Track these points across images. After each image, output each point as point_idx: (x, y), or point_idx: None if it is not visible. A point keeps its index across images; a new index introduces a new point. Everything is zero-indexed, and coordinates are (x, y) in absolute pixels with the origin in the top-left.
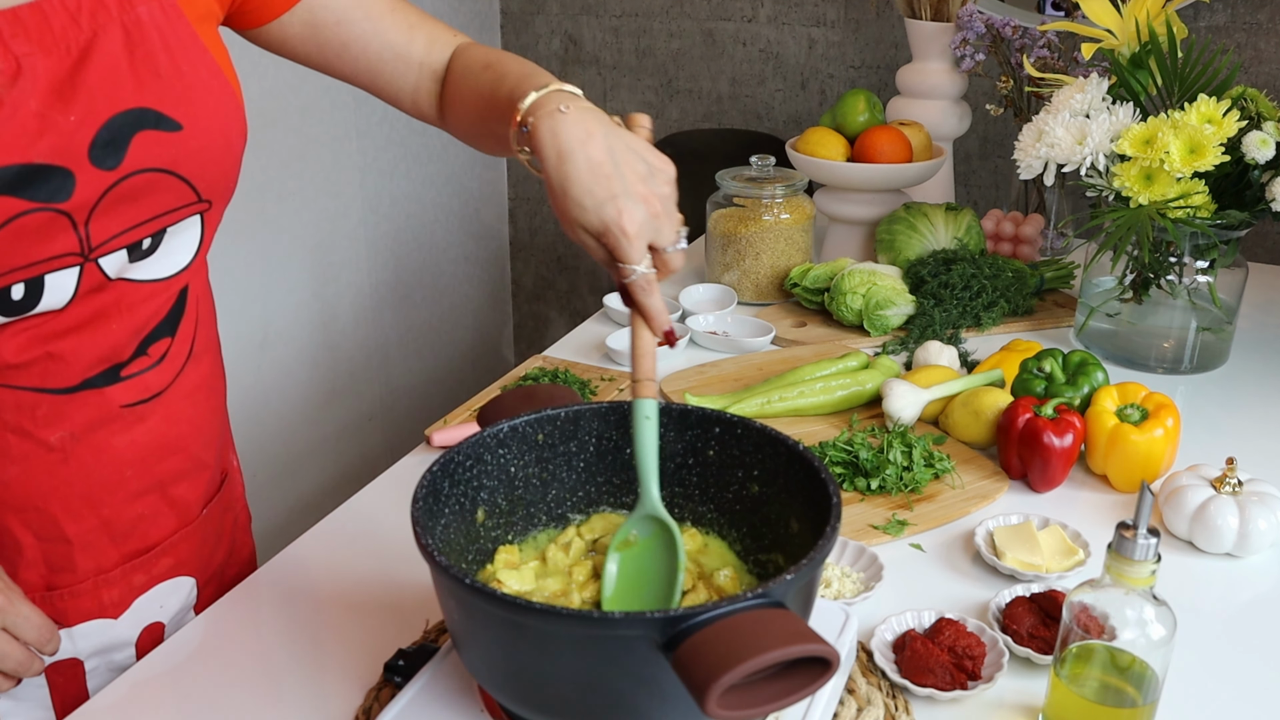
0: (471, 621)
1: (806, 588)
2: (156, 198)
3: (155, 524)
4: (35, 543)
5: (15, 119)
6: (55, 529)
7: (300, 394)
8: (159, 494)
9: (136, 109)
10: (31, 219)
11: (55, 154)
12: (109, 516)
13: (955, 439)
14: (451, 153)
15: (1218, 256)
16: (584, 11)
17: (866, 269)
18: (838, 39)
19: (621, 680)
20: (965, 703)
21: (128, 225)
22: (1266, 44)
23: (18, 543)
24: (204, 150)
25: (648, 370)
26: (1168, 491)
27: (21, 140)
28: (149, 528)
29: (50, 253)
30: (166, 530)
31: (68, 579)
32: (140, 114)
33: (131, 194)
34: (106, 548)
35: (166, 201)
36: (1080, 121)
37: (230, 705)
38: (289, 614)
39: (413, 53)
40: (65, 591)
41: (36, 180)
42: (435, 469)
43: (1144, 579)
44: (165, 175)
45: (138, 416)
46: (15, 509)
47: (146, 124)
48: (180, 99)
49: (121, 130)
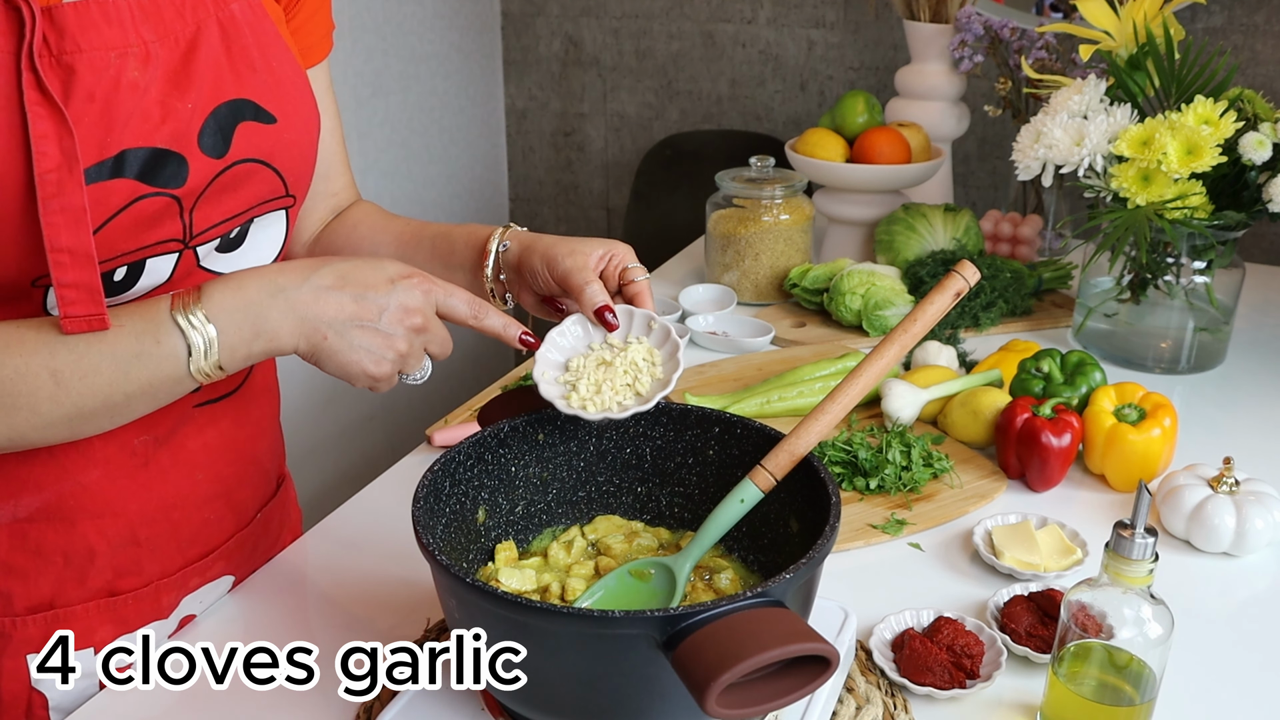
0: (472, 620)
1: (806, 587)
2: (252, 189)
3: (218, 529)
4: (108, 550)
5: (144, 103)
6: (129, 534)
7: (300, 394)
8: (224, 499)
9: (238, 100)
10: (149, 203)
11: (174, 140)
12: (178, 521)
13: (954, 439)
14: (452, 154)
15: (1215, 257)
16: (584, 13)
17: (865, 269)
18: (837, 41)
19: (621, 679)
20: (964, 701)
21: (225, 215)
22: (1263, 46)
23: (91, 550)
24: (294, 144)
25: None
26: (1165, 491)
27: (148, 124)
28: (212, 532)
29: (157, 237)
30: (225, 534)
31: (132, 583)
32: (241, 105)
33: (232, 183)
34: (172, 553)
35: (260, 193)
36: (1078, 123)
37: (230, 705)
38: (290, 613)
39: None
40: (129, 596)
41: (158, 165)
42: (436, 468)
43: (1141, 578)
44: (262, 167)
45: (209, 418)
46: (93, 514)
47: (247, 115)
48: (273, 92)
49: (227, 120)
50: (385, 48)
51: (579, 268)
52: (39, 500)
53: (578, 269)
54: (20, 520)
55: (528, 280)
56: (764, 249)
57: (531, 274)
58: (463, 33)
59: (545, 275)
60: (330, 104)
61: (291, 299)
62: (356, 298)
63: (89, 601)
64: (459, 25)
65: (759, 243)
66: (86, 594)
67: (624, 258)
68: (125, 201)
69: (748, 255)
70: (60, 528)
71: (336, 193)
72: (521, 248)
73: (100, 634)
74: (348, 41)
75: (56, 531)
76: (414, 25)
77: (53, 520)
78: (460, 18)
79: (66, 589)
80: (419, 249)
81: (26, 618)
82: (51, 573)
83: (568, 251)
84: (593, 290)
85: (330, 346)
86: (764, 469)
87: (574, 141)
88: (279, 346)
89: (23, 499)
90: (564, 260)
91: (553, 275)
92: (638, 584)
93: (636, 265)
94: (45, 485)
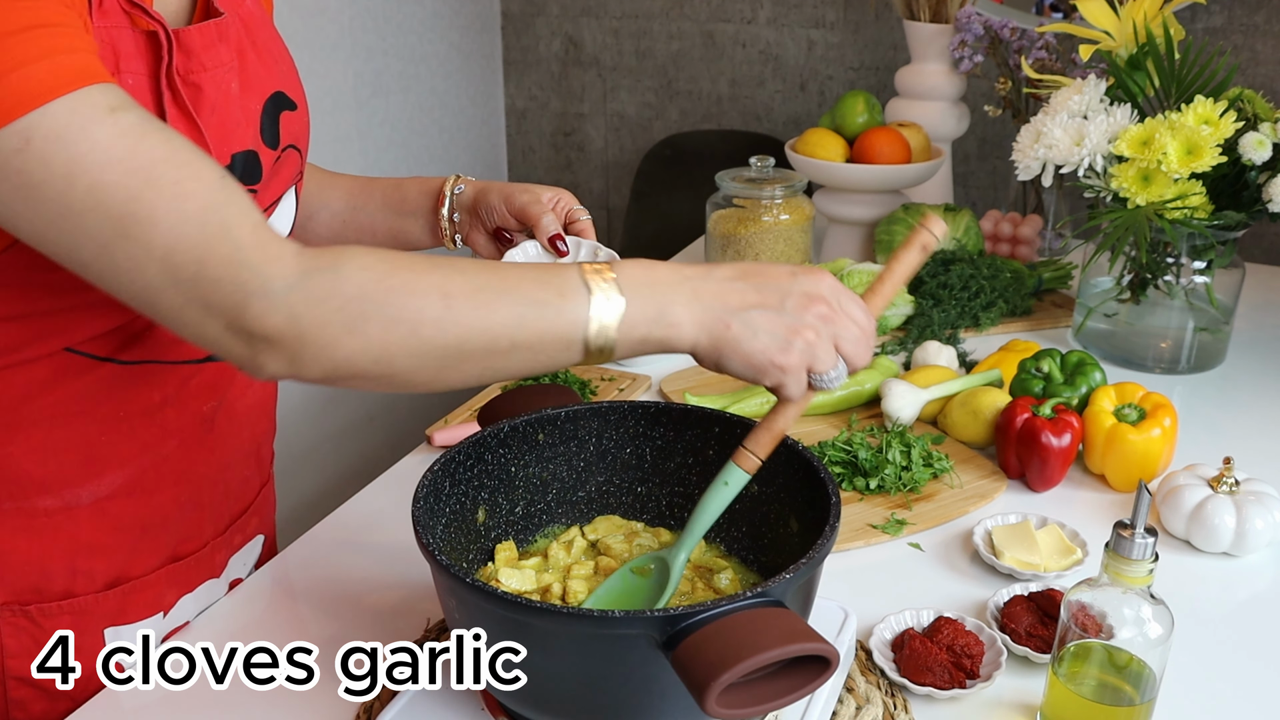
0: (472, 620)
1: (806, 587)
2: (289, 172)
3: (250, 485)
4: (179, 516)
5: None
6: (195, 498)
7: (300, 394)
8: (255, 456)
9: (276, 91)
10: None
11: (253, 140)
12: (230, 481)
13: (954, 439)
14: (452, 154)
15: (1215, 257)
16: (584, 13)
17: (866, 269)
18: (837, 41)
19: (621, 679)
20: (964, 701)
21: (270, 200)
22: (1263, 46)
23: (165, 518)
24: (309, 125)
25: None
26: (1165, 491)
27: (240, 129)
28: (249, 489)
29: None
30: (255, 490)
31: (192, 545)
32: (279, 96)
33: (279, 170)
34: (224, 512)
35: (291, 176)
36: (1078, 123)
37: (230, 705)
38: (289, 614)
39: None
40: (190, 559)
41: (249, 166)
42: (436, 468)
43: (1141, 578)
44: (295, 151)
45: (247, 381)
46: (170, 484)
47: (284, 105)
48: (291, 79)
49: (273, 112)
50: (385, 48)
51: (534, 200)
52: (121, 477)
53: (534, 202)
54: (101, 499)
55: (482, 218)
56: (764, 249)
57: (488, 210)
58: (463, 32)
59: (502, 210)
60: None
61: (697, 288)
62: (758, 287)
63: (159, 570)
64: (459, 25)
65: (759, 243)
66: (157, 561)
67: (569, 200)
68: None
69: (748, 255)
70: (140, 500)
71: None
72: (477, 190)
73: (168, 598)
74: (347, 41)
75: (137, 504)
76: (414, 25)
77: (134, 494)
78: (460, 18)
79: (141, 559)
80: (370, 199)
81: (105, 593)
82: (128, 544)
83: (523, 189)
84: (548, 220)
85: (734, 336)
86: (746, 450)
87: (574, 141)
88: (679, 335)
89: (105, 478)
90: (520, 195)
91: (510, 209)
92: (641, 581)
93: (580, 208)
94: (128, 461)
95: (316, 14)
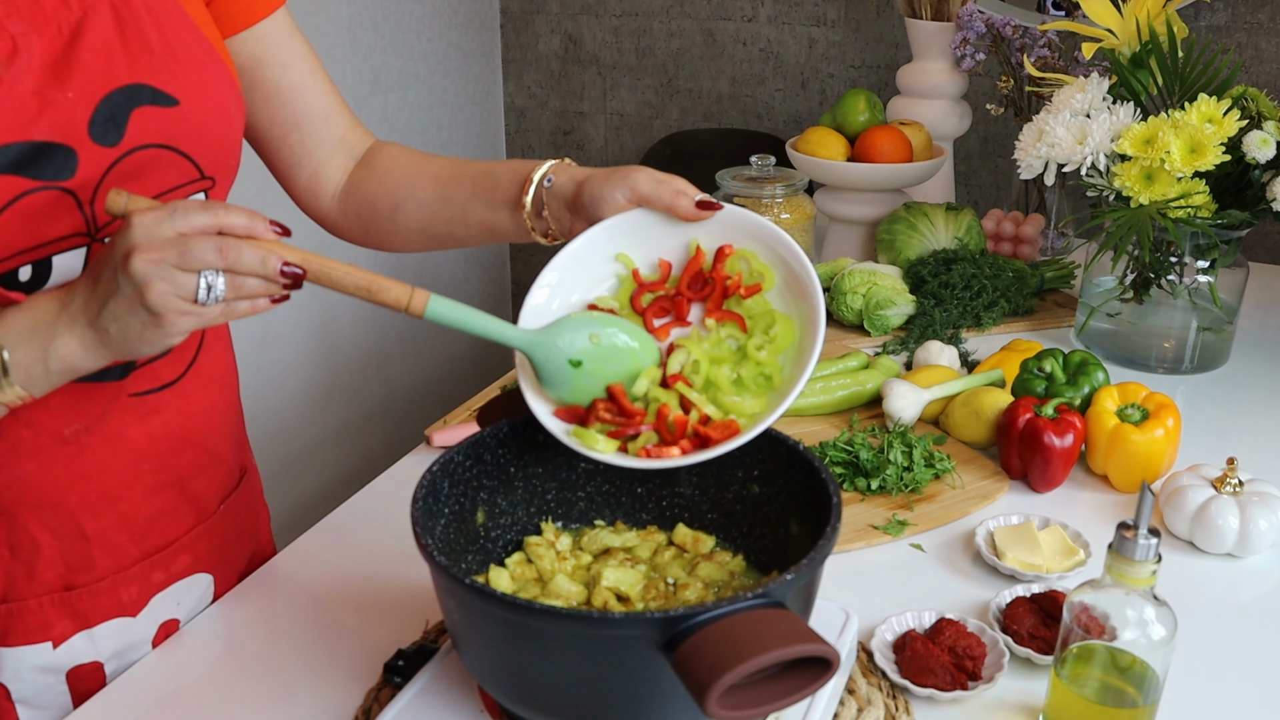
0: (471, 621)
1: (807, 588)
2: (160, 174)
3: (174, 520)
4: (53, 541)
5: (13, 97)
6: (73, 526)
7: (300, 394)
8: (177, 489)
9: (132, 85)
10: (36, 198)
11: (56, 131)
12: (127, 512)
13: (955, 439)
14: (451, 152)
15: (1218, 256)
16: (584, 11)
17: (867, 269)
18: (838, 39)
19: (621, 680)
20: (966, 703)
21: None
22: (1267, 43)
23: (36, 543)
24: (203, 126)
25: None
26: (1168, 492)
27: (21, 118)
28: (167, 524)
29: (57, 233)
30: (184, 526)
31: (86, 577)
32: (136, 90)
33: (135, 171)
34: (125, 545)
35: (170, 179)
36: (1081, 121)
37: (230, 705)
38: (289, 614)
39: (339, 122)
40: (84, 591)
41: (39, 159)
42: (435, 469)
43: (1145, 579)
44: (167, 151)
45: (151, 408)
46: (33, 506)
47: (143, 100)
48: (175, 75)
49: (119, 106)
50: (384, 45)
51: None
52: None
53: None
54: None
55: (587, 211)
56: None
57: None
58: (462, 30)
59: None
60: (300, 49)
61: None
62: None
63: (42, 596)
64: (458, 23)
65: None
66: (39, 588)
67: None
68: (8, 198)
69: None
70: (2, 522)
71: (343, 136)
72: (586, 176)
73: (58, 628)
74: (346, 39)
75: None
76: (413, 23)
77: None
78: (459, 15)
79: (18, 583)
80: (460, 188)
81: None
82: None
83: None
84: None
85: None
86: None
87: (574, 140)
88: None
89: None
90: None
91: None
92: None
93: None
94: None
95: (315, 12)
